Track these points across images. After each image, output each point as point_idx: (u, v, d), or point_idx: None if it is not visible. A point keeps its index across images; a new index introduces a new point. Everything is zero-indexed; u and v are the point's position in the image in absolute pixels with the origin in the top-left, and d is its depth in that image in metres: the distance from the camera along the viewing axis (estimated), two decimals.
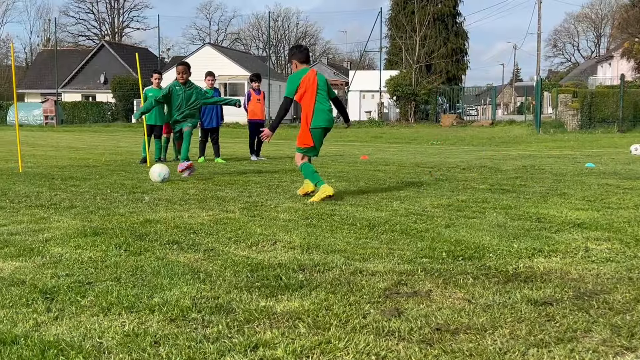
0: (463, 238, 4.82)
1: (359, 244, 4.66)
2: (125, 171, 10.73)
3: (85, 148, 18.99)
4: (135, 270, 3.87)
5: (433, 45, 48.37)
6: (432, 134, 31.94)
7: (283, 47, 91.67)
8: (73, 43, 76.64)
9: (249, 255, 4.30)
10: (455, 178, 9.48)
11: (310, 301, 3.23)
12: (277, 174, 10.18)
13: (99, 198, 7.16)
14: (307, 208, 6.38)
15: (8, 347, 2.60)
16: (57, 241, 4.75)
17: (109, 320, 2.95)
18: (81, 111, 49.98)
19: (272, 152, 16.54)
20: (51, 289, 3.45)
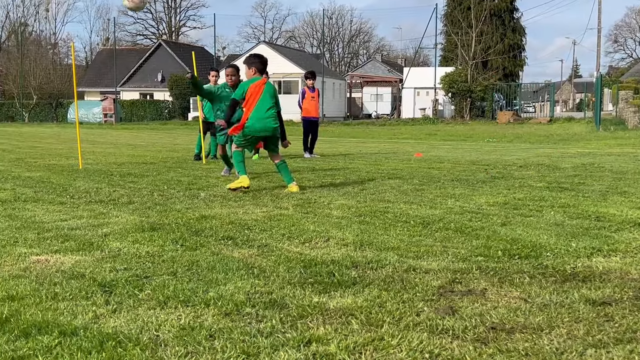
0: (519, 237, 4.74)
1: (412, 241, 4.63)
2: (181, 168, 10.91)
3: (143, 145, 19.37)
4: (191, 265, 3.93)
5: (489, 41, 47.63)
6: (488, 131, 31.47)
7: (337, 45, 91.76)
8: (131, 42, 78.28)
9: (302, 252, 4.32)
10: (511, 176, 9.33)
11: (363, 298, 3.23)
12: (330, 171, 10.20)
13: (156, 194, 7.30)
14: (360, 205, 6.37)
15: (68, 339, 2.68)
16: (115, 236, 4.86)
17: (165, 314, 3.00)
18: (139, 109, 51.05)
19: (326, 150, 16.57)
20: (110, 283, 3.53)
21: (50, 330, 2.76)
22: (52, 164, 11.82)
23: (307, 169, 10.77)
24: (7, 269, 3.89)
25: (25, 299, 3.23)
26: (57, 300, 3.21)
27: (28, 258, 4.16)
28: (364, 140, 24.66)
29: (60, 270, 3.84)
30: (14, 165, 11.34)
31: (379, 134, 30.52)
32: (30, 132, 31.54)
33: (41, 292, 3.34)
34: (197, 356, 2.51)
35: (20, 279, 3.62)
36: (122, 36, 78.78)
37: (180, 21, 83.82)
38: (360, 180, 8.83)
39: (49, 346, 2.59)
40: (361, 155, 14.55)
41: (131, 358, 2.48)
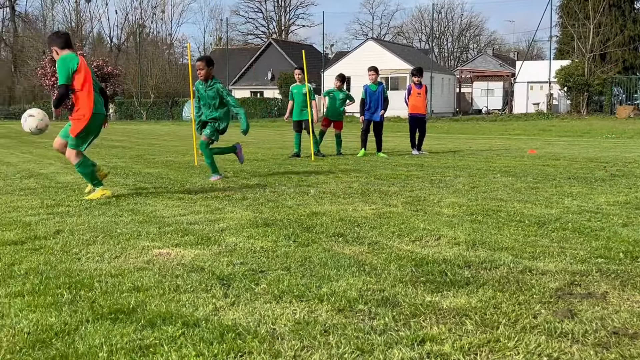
0: None
1: (527, 241, 4.51)
2: (291, 165, 11.11)
3: (253, 143, 19.85)
4: (303, 261, 4.01)
5: (608, 32, 45.46)
6: (606, 126, 30.08)
7: (446, 39, 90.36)
8: (242, 41, 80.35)
9: (413, 250, 4.31)
10: (632, 174, 8.89)
11: (477, 298, 3.18)
12: (440, 169, 10.08)
13: (268, 191, 7.48)
14: (471, 204, 6.27)
15: (191, 329, 2.80)
16: (231, 231, 5.03)
17: (281, 308, 3.08)
18: (249, 107, 52.27)
19: (434, 147, 16.39)
20: (227, 276, 3.66)
21: (174, 321, 2.90)
22: (170, 160, 12.34)
23: (416, 165, 10.69)
24: (131, 261, 4.10)
25: (149, 290, 3.41)
26: (179, 292, 3.37)
27: (151, 251, 4.37)
28: (474, 136, 24.18)
29: (181, 263, 4.02)
30: (134, 162, 11.92)
31: (489, 130, 29.82)
32: (148, 130, 33.03)
33: (164, 284, 3.51)
34: (313, 351, 2.57)
35: (144, 271, 3.82)
36: (234, 36, 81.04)
37: (289, 20, 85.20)
38: (471, 177, 8.68)
39: (174, 336, 2.72)
40: (471, 152, 14.29)
41: (250, 350, 2.57)
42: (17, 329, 2.84)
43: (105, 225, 5.35)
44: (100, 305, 3.14)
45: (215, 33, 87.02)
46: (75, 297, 3.30)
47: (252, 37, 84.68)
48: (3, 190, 7.84)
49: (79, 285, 3.51)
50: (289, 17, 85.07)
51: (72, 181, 8.59)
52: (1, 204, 6.68)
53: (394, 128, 30.19)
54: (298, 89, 13.09)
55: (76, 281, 3.59)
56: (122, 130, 30.65)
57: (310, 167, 10.67)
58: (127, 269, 3.89)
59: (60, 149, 7.14)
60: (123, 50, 75.30)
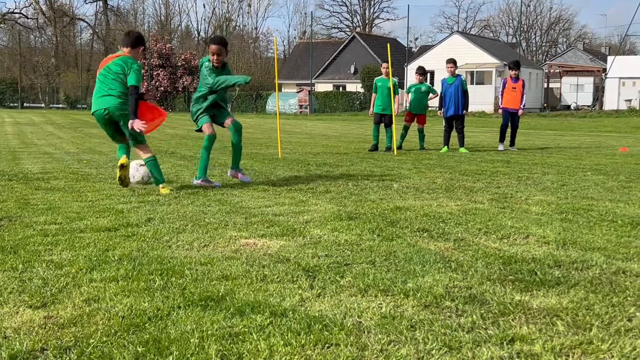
0: None
1: (620, 242, 4.36)
2: (373, 159, 11.09)
3: (336, 136, 19.93)
4: (388, 255, 4.01)
5: None
6: None
7: (535, 33, 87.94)
8: (326, 35, 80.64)
9: (501, 248, 4.23)
10: None
11: (569, 299, 3.10)
12: (527, 166, 9.84)
13: (351, 184, 7.50)
14: (561, 202, 6.10)
15: (279, 319, 2.85)
16: (315, 223, 5.07)
17: (366, 301, 3.09)
18: (332, 100, 52.48)
19: (521, 143, 16.00)
20: (313, 268, 3.70)
21: (262, 310, 2.95)
22: (254, 152, 12.54)
23: (502, 162, 10.48)
24: (220, 250, 4.21)
25: (237, 279, 3.48)
26: (267, 282, 3.43)
27: (238, 241, 4.47)
28: (562, 132, 23.46)
29: (267, 253, 4.09)
30: (220, 154, 12.17)
31: (578, 126, 28.87)
32: None
33: (252, 274, 3.58)
34: (400, 345, 2.57)
35: (232, 260, 3.91)
36: (318, 29, 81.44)
37: (373, 13, 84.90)
38: (560, 175, 8.44)
39: (262, 325, 2.77)
40: (559, 149, 13.88)
41: (337, 342, 2.59)
42: (112, 313, 2.96)
43: (194, 214, 5.50)
44: (190, 292, 3.23)
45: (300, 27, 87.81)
46: (167, 284, 3.41)
47: (336, 30, 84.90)
48: (97, 178, 8.18)
49: (170, 272, 3.63)
50: (373, 10, 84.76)
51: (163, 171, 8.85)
52: (95, 191, 6.96)
53: (478, 123, 29.68)
54: (383, 82, 13.09)
55: (167, 268, 3.70)
56: None
57: (393, 161, 10.62)
58: (215, 257, 3.99)
59: None
60: None
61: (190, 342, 2.59)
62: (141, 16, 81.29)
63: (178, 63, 52.83)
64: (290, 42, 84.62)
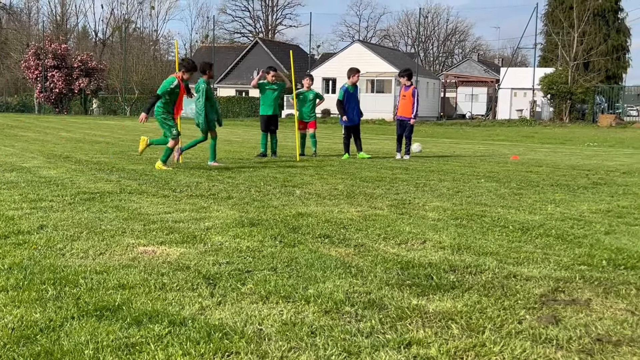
0: (625, 246, 4.57)
1: (512, 247, 4.55)
2: (276, 165, 11.10)
3: (238, 142, 19.82)
4: (290, 262, 4.01)
5: (592, 42, 45.92)
6: (588, 134, 30.36)
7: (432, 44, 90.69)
8: (229, 40, 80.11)
9: (399, 253, 4.33)
10: (614, 182, 8.98)
11: (463, 303, 3.21)
12: (425, 173, 10.12)
13: (253, 190, 7.47)
14: (456, 208, 6.31)
15: (178, 328, 2.79)
16: (217, 230, 5.02)
17: (267, 308, 3.08)
18: (234, 106, 52.18)
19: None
20: (213, 275, 3.66)
21: (160, 319, 2.89)
22: (154, 157, 12.25)
23: (400, 169, 10.73)
24: (116, 258, 4.09)
25: (135, 288, 3.39)
26: (166, 291, 3.36)
27: (136, 248, 4.35)
28: (458, 141, 24.30)
29: (166, 261, 4.01)
30: (118, 158, 11.85)
31: (473, 135, 29.99)
32: (132, 126, 32.81)
33: (150, 282, 3.50)
34: (300, 352, 2.57)
35: (130, 269, 3.80)
36: (221, 34, 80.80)
37: (276, 19, 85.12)
38: (455, 182, 8.73)
39: (160, 335, 2.71)
40: (455, 157, 14.36)
41: (237, 350, 2.57)
42: (1, 325, 2.82)
43: (90, 221, 5.32)
44: (85, 302, 3.12)
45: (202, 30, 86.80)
46: (60, 294, 3.28)
47: (238, 35, 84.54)
48: None
49: (64, 281, 3.49)
50: (276, 16, 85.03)
51: (55, 176, 8.53)
52: None
53: (378, 131, 30.27)
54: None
55: (61, 277, 3.56)
56: (105, 126, 30.44)
57: (295, 167, 10.67)
58: (112, 266, 3.87)
59: None
60: (108, 45, 74.74)
61: (84, 354, 2.50)
62: (35, 15, 78.08)
63: (74, 64, 51.05)
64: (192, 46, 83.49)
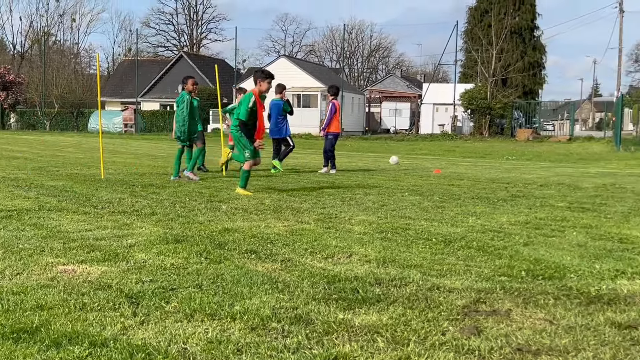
0: (542, 257, 4.73)
1: (435, 259, 4.64)
2: (202, 180, 10.98)
3: (163, 156, 19.50)
4: (216, 278, 3.97)
5: (509, 58, 47.58)
6: (507, 148, 31.35)
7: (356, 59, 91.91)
8: (153, 54, 78.98)
9: (326, 267, 4.34)
10: (532, 195, 9.30)
11: (388, 316, 3.24)
12: (350, 187, 10.22)
13: (178, 206, 7.36)
14: (381, 222, 6.39)
15: (99, 349, 2.72)
16: (140, 247, 4.92)
17: (192, 327, 3.04)
18: (159, 120, 51.38)
19: (345, 164, 16.60)
20: (136, 294, 3.57)
21: (80, 340, 2.80)
22: (75, 173, 11.94)
23: (327, 183, 10.79)
24: (34, 278, 3.94)
25: (54, 309, 3.28)
26: (86, 311, 3.26)
27: (55, 268, 4.22)
28: (383, 155, 24.64)
29: (87, 280, 3.89)
30: (37, 174, 11.47)
31: (397, 149, 30.48)
32: (52, 141, 31.86)
33: (70, 302, 3.39)
34: None
35: (49, 289, 3.68)
36: (144, 47, 79.57)
37: (201, 33, 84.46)
38: (380, 196, 8.84)
39: (80, 357, 2.63)
40: (380, 171, 14.56)
41: None
42: None
43: (6, 240, 5.12)
44: (1, 325, 3.00)
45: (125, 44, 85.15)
46: None
47: (162, 49, 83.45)
48: None
49: None
50: (201, 30, 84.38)
51: None
52: None
53: (305, 145, 30.39)
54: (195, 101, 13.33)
55: None
56: (23, 141, 29.43)
57: (222, 182, 10.58)
58: (30, 286, 3.73)
59: None
60: (26, 58, 72.46)
61: None
62: None
63: None
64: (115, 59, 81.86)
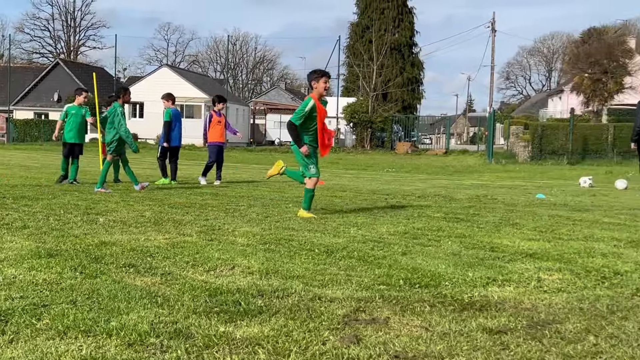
0: (419, 266, 4.89)
1: (317, 270, 4.69)
2: (78, 192, 10.57)
3: (37, 167, 18.64)
4: (91, 294, 3.82)
5: (390, 74, 49.14)
6: (387, 161, 32.26)
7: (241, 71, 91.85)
8: (27, 60, 75.42)
9: (207, 280, 4.29)
10: (410, 205, 9.60)
11: (270, 327, 3.24)
12: (235, 198, 10.16)
13: (52, 219, 7.04)
14: (265, 233, 6.39)
15: None
16: (10, 262, 4.66)
17: (65, 344, 2.91)
18: (33, 129, 49.03)
19: (229, 176, 16.51)
20: (5, 312, 3.38)
21: None
22: None
23: (210, 195, 10.68)
24: None
25: None
26: None
27: None
28: (268, 167, 24.66)
29: None
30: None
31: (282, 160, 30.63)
32: None
33: None
34: None
35: None
36: (18, 53, 75.90)
37: (79, 40, 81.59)
38: (265, 207, 8.85)
39: None
40: (265, 182, 14.58)
41: None
42: None
43: None
44: None
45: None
46: None
47: (37, 55, 79.91)
48: None
49: None
50: (79, 37, 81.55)
51: None
52: None
53: (188, 156, 29.94)
54: (77, 110, 12.95)
55: None
56: None
57: (99, 194, 10.22)
58: None
59: None
60: None
61: None
62: None
63: None
64: None
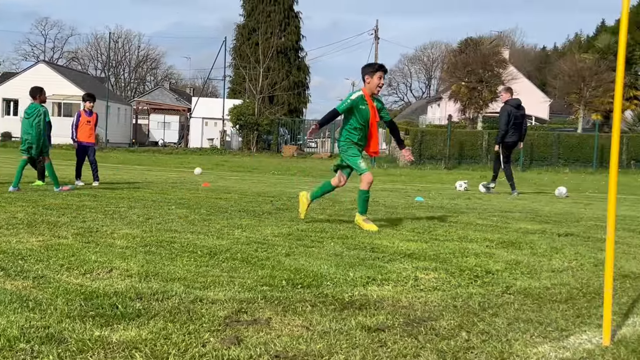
0: (302, 266, 4.93)
1: (199, 272, 4.63)
2: None
3: None
4: None
5: (276, 77, 49.31)
6: (273, 164, 32.35)
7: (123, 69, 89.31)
8: None
9: (83, 283, 4.14)
10: (295, 208, 9.67)
11: (148, 330, 3.17)
12: (114, 200, 9.86)
13: None
14: (146, 235, 6.24)
15: None
16: None
17: None
18: None
19: (109, 177, 16.00)
20: None
21: None
22: None
23: (88, 196, 10.30)
24: None
25: None
26: None
27: None
28: (150, 167, 24.14)
29: None
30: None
31: (165, 162, 30.05)
32: None
33: None
34: None
35: None
36: None
37: None
38: (146, 209, 8.64)
39: None
40: (147, 184, 14.24)
41: None
42: None
43: None
44: None
45: None
46: None
47: None
48: None
49: None
50: None
51: None
52: None
53: (66, 156, 28.78)
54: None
55: None
56: None
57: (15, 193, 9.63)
58: None
59: None
60: None
61: None
62: None
63: None
64: None
